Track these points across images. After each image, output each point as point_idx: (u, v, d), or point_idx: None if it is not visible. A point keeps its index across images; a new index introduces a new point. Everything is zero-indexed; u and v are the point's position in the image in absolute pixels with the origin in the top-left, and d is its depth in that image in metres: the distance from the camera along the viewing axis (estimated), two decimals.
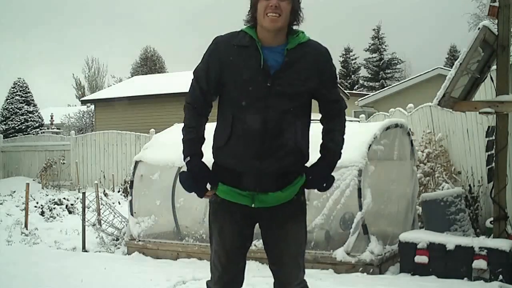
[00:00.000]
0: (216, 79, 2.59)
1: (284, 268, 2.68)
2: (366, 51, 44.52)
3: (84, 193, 7.88)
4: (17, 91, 21.94)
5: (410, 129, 6.78)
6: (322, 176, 2.66)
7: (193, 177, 2.58)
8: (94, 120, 24.34)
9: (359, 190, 5.46)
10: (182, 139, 2.63)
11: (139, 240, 6.79)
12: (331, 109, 2.70)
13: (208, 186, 2.63)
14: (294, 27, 2.61)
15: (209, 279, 2.78)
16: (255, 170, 2.52)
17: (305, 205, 2.73)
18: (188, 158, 2.60)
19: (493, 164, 5.31)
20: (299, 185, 2.63)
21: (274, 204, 2.58)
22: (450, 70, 5.23)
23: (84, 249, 7.41)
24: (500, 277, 4.85)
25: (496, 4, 5.20)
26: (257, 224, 2.70)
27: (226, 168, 2.59)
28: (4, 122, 21.53)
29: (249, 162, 2.52)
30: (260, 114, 2.50)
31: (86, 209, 7.85)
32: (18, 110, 21.59)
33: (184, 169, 2.65)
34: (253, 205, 2.57)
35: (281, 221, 2.62)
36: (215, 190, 2.62)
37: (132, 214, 6.96)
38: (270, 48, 2.55)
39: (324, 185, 2.68)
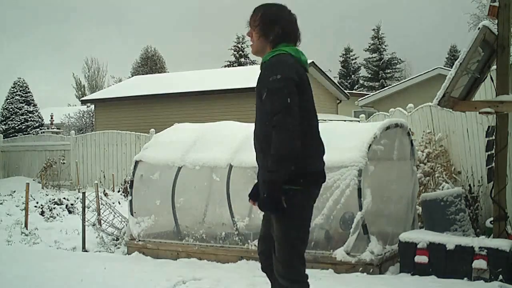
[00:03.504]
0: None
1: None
2: (366, 51, 44.54)
3: (84, 193, 7.88)
4: (17, 91, 21.91)
5: (410, 129, 6.77)
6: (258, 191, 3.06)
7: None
8: (94, 120, 24.36)
9: (359, 190, 5.46)
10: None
11: (139, 240, 6.79)
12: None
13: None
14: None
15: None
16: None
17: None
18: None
19: (493, 164, 5.31)
20: None
21: None
22: (450, 70, 5.23)
23: (84, 249, 7.41)
24: (500, 277, 4.85)
25: (496, 4, 5.20)
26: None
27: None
28: (4, 122, 21.50)
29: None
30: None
31: (86, 209, 7.84)
32: (18, 110, 21.56)
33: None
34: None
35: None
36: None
37: (132, 214, 6.96)
38: None
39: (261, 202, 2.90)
